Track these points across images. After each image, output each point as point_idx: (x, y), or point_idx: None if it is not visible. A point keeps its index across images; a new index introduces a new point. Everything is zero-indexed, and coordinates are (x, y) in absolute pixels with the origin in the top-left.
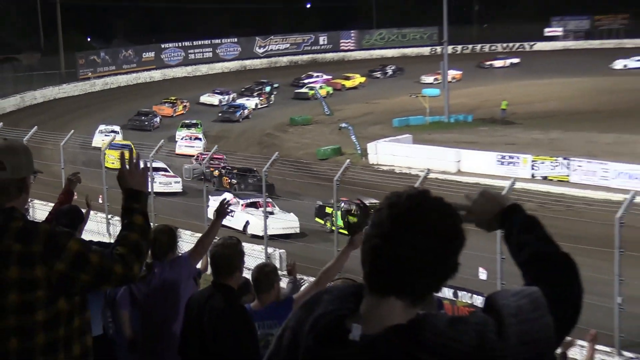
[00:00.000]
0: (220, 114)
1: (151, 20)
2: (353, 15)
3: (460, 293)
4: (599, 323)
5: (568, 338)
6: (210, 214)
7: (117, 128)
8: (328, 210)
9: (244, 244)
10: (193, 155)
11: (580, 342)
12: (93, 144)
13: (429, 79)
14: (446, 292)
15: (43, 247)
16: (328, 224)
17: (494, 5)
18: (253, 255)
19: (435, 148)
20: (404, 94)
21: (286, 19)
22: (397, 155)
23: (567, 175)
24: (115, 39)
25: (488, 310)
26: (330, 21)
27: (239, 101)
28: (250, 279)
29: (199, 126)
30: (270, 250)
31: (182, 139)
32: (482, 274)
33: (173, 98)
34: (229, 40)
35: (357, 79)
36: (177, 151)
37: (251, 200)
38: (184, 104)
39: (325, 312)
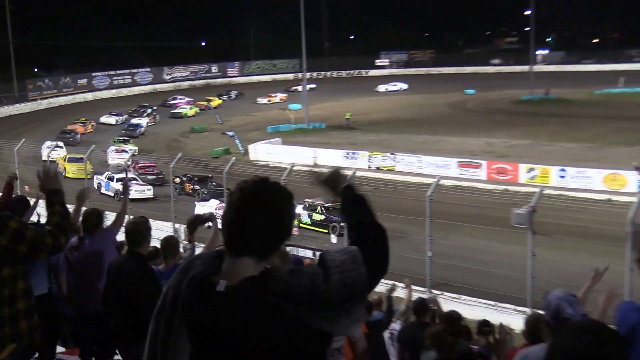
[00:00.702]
0: (123, 131)
1: (85, 55)
2: (236, 50)
3: (317, 253)
4: (416, 271)
5: (391, 283)
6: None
7: (60, 143)
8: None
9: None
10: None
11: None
12: (43, 157)
13: (263, 100)
14: (308, 253)
15: None
16: (295, 222)
17: (339, 42)
18: (164, 230)
19: (298, 147)
20: (262, 110)
21: (187, 53)
22: (271, 153)
23: (394, 166)
24: (56, 69)
25: (320, 264)
26: (220, 55)
27: (134, 121)
28: (160, 247)
29: (130, 141)
30: (177, 226)
31: (113, 151)
32: (334, 239)
33: (83, 119)
34: (143, 69)
35: (216, 101)
36: (110, 161)
37: None
38: (92, 123)
39: (197, 273)
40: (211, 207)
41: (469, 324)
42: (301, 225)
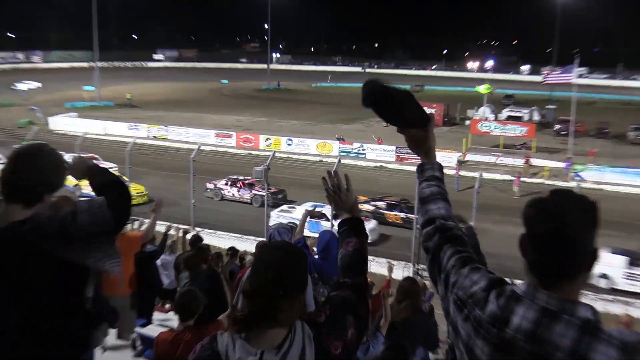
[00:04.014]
0: None
1: None
2: (40, 41)
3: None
4: (184, 213)
5: (167, 223)
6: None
7: None
8: None
9: None
10: None
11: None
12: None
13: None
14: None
15: None
16: None
17: (125, 39)
18: None
19: (91, 120)
20: (68, 89)
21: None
22: (68, 124)
23: (167, 135)
24: None
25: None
26: (25, 44)
27: None
28: None
29: None
30: None
31: None
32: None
33: None
34: None
35: None
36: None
37: None
38: None
39: None
40: None
41: (223, 250)
42: None
